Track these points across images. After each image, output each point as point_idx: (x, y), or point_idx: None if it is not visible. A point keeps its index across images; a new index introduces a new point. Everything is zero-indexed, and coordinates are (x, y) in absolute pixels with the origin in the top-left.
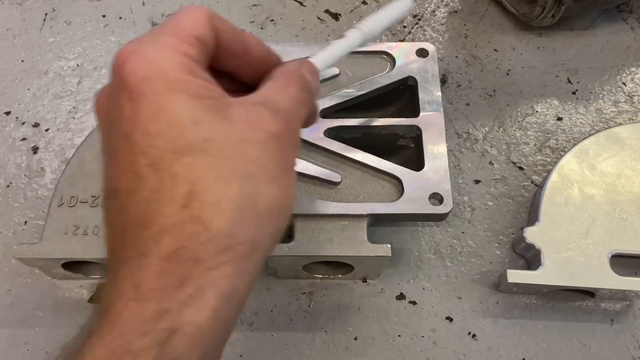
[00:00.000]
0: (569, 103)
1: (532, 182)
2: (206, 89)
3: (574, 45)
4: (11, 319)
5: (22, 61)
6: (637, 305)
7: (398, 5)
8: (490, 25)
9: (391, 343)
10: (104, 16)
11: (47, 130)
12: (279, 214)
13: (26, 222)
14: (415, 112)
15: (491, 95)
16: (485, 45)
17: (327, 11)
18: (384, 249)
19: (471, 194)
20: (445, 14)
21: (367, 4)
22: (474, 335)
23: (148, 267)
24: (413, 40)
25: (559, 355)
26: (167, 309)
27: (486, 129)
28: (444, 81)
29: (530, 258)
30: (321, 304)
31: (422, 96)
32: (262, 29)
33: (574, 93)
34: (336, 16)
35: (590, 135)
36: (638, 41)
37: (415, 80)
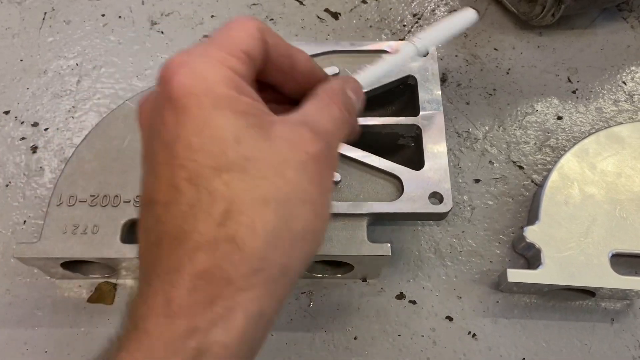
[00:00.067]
0: (569, 102)
1: (532, 181)
2: (250, 106)
3: (574, 44)
4: (10, 318)
5: (21, 60)
6: (637, 304)
7: (461, 17)
8: (490, 24)
9: (391, 343)
10: (103, 15)
11: (46, 129)
12: (312, 238)
13: (25, 221)
14: (415, 111)
15: (491, 94)
16: (485, 44)
17: (326, 10)
18: (383, 249)
19: (471, 193)
20: (445, 12)
21: (366, 3)
22: (474, 335)
23: (180, 284)
24: None
25: (559, 355)
26: (196, 327)
27: (486, 128)
28: (443, 80)
29: (531, 257)
30: (321, 304)
31: (422, 95)
32: None
33: (574, 92)
34: (336, 15)
35: (590, 134)
36: (638, 40)
37: (415, 79)
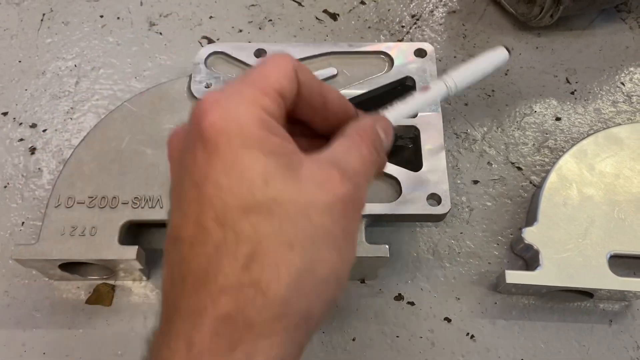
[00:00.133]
0: (568, 103)
1: (530, 182)
2: (280, 145)
3: (572, 45)
4: (8, 320)
5: (20, 61)
6: (635, 305)
7: (493, 57)
8: (489, 25)
9: (389, 344)
10: (101, 16)
11: (44, 130)
12: (336, 283)
13: (23, 222)
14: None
15: (490, 96)
16: (484, 45)
17: (325, 11)
18: (382, 250)
19: (469, 194)
20: (444, 13)
21: (365, 4)
22: (472, 336)
23: (203, 327)
24: (411, 40)
25: (558, 356)
26: None
27: (484, 129)
28: None
29: (529, 258)
30: None
31: None
32: (260, 29)
33: (572, 93)
34: (334, 16)
35: (588, 135)
36: (637, 41)
37: (413, 80)
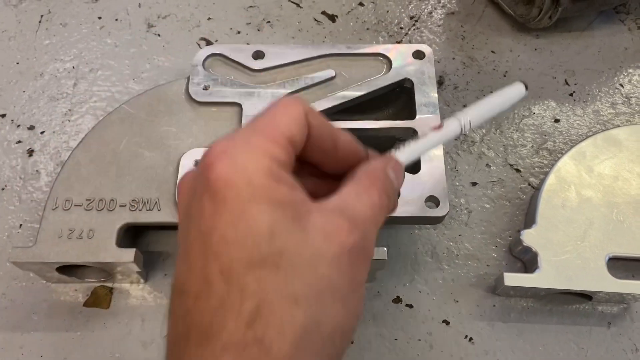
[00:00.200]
0: (567, 105)
1: (529, 184)
2: (288, 195)
3: (571, 47)
4: (6, 322)
5: (18, 63)
6: (634, 308)
7: (510, 93)
8: (488, 26)
9: (388, 347)
10: (99, 18)
11: (42, 132)
12: (341, 339)
13: (21, 225)
14: (411, 115)
15: None
16: (483, 47)
17: (323, 13)
18: (380, 252)
19: (468, 196)
20: (442, 15)
21: (363, 5)
22: (470, 339)
23: None
24: (410, 41)
25: (556, 359)
26: None
27: (483, 131)
28: (441, 83)
29: (528, 261)
30: None
31: (418, 98)
32: (258, 30)
33: (571, 95)
34: (333, 18)
35: (587, 137)
36: (635, 42)
37: (411, 82)
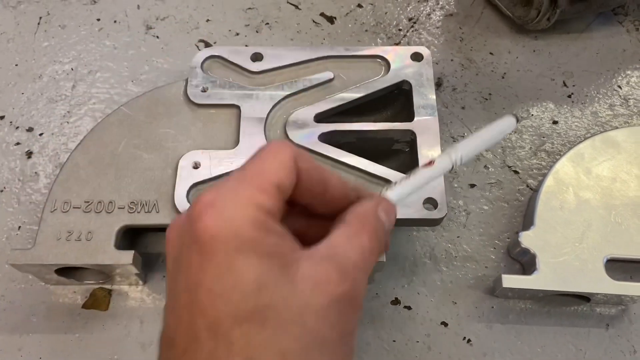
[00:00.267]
0: (565, 106)
1: (527, 186)
2: (276, 245)
3: (569, 49)
4: (5, 324)
5: (16, 65)
6: (632, 310)
7: (501, 126)
8: (486, 28)
9: (386, 348)
10: (98, 20)
11: (41, 134)
12: None
13: (20, 227)
14: (409, 117)
15: (487, 99)
16: (481, 49)
17: (322, 14)
18: None
19: (466, 198)
20: (441, 17)
21: (362, 7)
22: (469, 341)
23: None
24: (408, 43)
25: None
26: None
27: None
28: (439, 84)
29: (526, 262)
30: None
31: (416, 100)
32: (257, 32)
33: (569, 96)
34: (331, 19)
35: (585, 138)
36: (634, 44)
37: (409, 84)
